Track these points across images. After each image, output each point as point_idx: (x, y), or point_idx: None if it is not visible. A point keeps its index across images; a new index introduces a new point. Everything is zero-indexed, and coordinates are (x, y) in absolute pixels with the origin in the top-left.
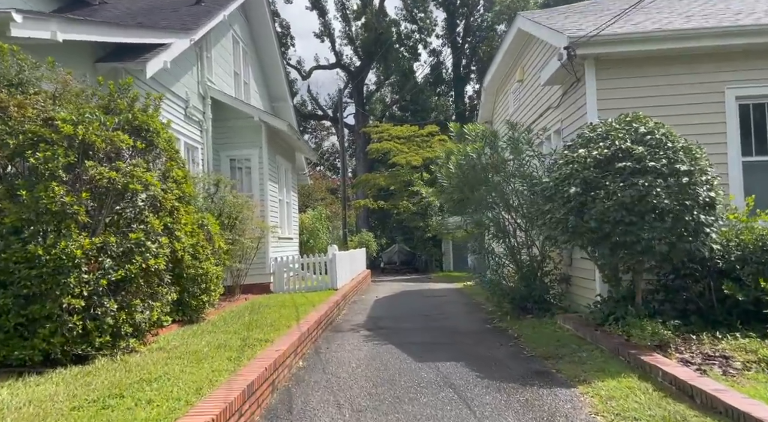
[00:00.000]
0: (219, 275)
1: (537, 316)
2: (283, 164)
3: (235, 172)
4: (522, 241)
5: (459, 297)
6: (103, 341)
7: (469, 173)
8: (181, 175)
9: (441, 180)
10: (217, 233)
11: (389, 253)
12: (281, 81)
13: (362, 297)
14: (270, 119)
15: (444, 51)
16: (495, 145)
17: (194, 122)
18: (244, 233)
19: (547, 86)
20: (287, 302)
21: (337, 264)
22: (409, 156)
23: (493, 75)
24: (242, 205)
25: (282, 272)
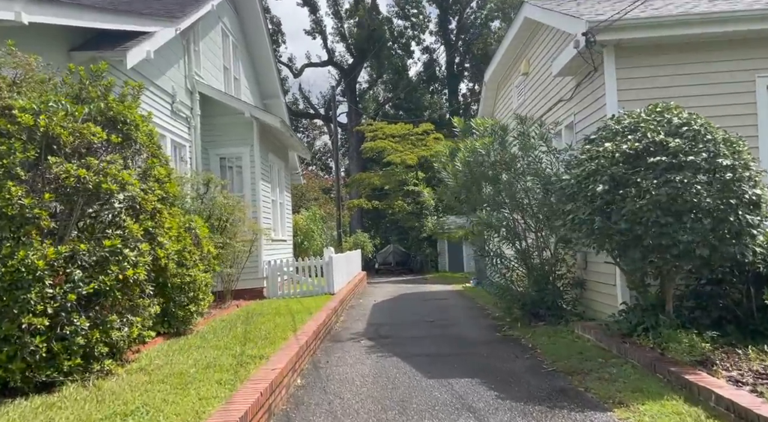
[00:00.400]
0: (208, 282)
1: (550, 323)
2: (275, 162)
3: (225, 171)
4: (533, 243)
5: (461, 301)
6: (72, 364)
7: (477, 171)
8: (164, 173)
9: (446, 179)
10: (206, 236)
11: (384, 254)
12: (273, 77)
13: (360, 301)
14: (262, 115)
15: (437, 48)
16: (504, 140)
17: (181, 118)
18: (235, 236)
19: (557, 78)
20: (282, 309)
21: (333, 267)
22: (404, 155)
23: (494, 69)
24: (233, 206)
25: (276, 276)
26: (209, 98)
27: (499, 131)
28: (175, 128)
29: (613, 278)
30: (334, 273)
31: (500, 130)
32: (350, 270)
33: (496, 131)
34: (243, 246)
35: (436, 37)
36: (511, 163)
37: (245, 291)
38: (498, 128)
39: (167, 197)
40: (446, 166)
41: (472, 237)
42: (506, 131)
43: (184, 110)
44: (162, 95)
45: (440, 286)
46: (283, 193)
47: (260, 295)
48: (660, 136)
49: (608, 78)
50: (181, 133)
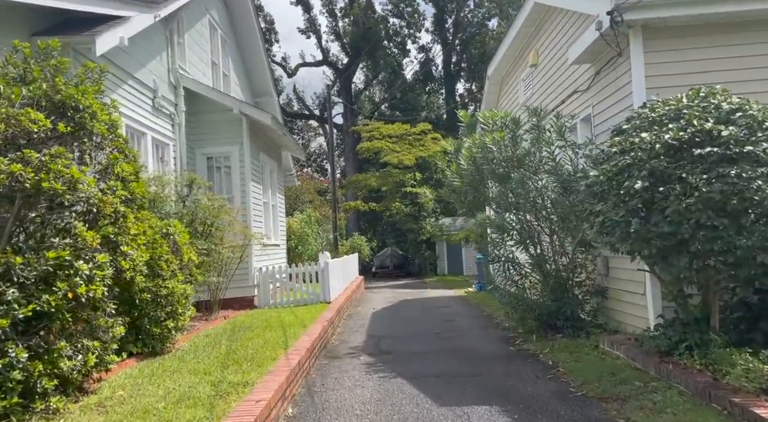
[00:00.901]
0: (189, 294)
1: (568, 336)
2: (267, 163)
3: (212, 172)
4: (548, 247)
5: (466, 308)
6: (8, 404)
7: (485, 169)
8: (129, 170)
9: (450, 178)
10: (187, 243)
11: (381, 257)
12: (265, 74)
13: (357, 309)
14: (251, 111)
15: (434, 47)
16: (515, 135)
17: (164, 114)
18: (222, 242)
19: (572, 68)
20: (273, 321)
21: (329, 274)
22: (402, 155)
23: (498, 63)
24: (219, 209)
25: (267, 284)
26: (195, 94)
27: (511, 125)
28: (156, 124)
29: (642, 286)
30: (330, 280)
31: (512, 123)
32: (347, 276)
33: (507, 125)
34: (231, 252)
35: (432, 37)
36: (523, 159)
37: (234, 301)
38: (509, 121)
39: (134, 198)
40: (450, 164)
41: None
42: (518, 124)
43: (168, 106)
44: (142, 89)
45: (441, 291)
46: (276, 195)
47: (251, 304)
48: (708, 124)
49: (635, 63)
50: (164, 130)
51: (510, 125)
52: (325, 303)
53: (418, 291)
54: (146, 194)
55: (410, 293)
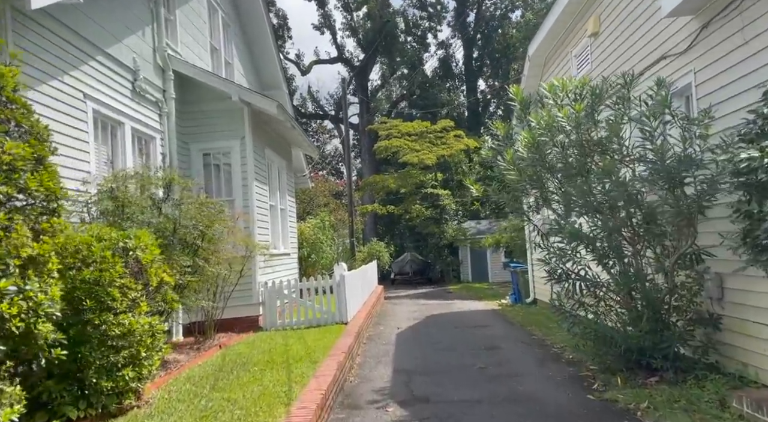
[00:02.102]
0: (158, 329)
1: (670, 381)
2: (275, 161)
3: (210, 170)
4: (631, 260)
5: (507, 328)
6: None
7: (555, 157)
8: (21, 154)
9: (505, 170)
10: (157, 260)
11: (400, 263)
12: (274, 65)
13: (379, 329)
14: (254, 99)
15: (454, 43)
16: (596, 110)
17: (149, 101)
18: (218, 256)
19: (658, 27)
20: (277, 351)
21: (346, 289)
22: (422, 155)
23: (542, 41)
24: (213, 216)
25: (274, 301)
26: (188, 79)
27: (590, 96)
28: (138, 113)
29: None
30: (347, 296)
31: (591, 93)
32: (366, 287)
33: (585, 95)
34: (230, 267)
35: (453, 31)
36: (606, 143)
37: (236, 322)
38: (587, 91)
39: (32, 197)
40: (505, 152)
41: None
42: (599, 94)
43: (153, 92)
44: (117, 68)
45: (470, 303)
46: (285, 197)
47: (255, 325)
48: None
49: None
50: (148, 120)
51: (588, 96)
52: (341, 324)
53: (443, 303)
54: (58, 192)
55: (435, 306)
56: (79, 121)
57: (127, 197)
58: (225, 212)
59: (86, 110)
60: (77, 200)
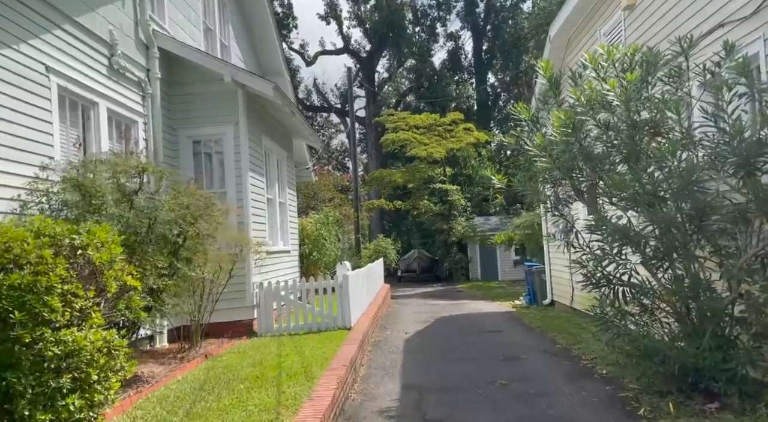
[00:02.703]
0: (116, 345)
1: (735, 409)
2: (274, 151)
3: (200, 160)
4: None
5: (526, 334)
6: None
7: (592, 141)
8: None
9: (536, 155)
10: (119, 261)
11: (408, 260)
12: (275, 50)
13: (386, 334)
14: (248, 80)
15: (463, 34)
16: (648, 83)
17: (129, 81)
18: (205, 255)
19: None
20: (270, 363)
21: (350, 291)
22: (431, 148)
23: (565, 20)
24: (198, 211)
25: (270, 303)
26: (176, 58)
27: (643, 65)
28: (116, 93)
29: None
30: (350, 299)
31: (644, 64)
32: (372, 287)
33: (635, 64)
34: (219, 266)
35: (462, 22)
36: (661, 122)
37: (228, 326)
38: (640, 60)
39: None
40: (533, 135)
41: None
42: (653, 63)
43: (135, 70)
44: (89, 40)
45: (483, 304)
46: (285, 190)
47: (249, 330)
48: None
49: None
50: (128, 102)
51: (640, 66)
52: (343, 330)
53: (453, 303)
54: None
55: (445, 307)
56: (38, 97)
57: (95, 187)
58: (214, 205)
59: (49, 85)
60: (36, 188)
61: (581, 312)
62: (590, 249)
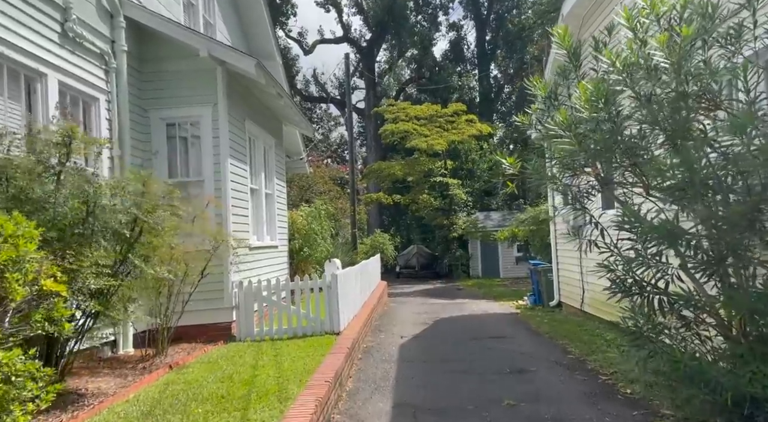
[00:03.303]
0: (20, 371)
1: None
2: (260, 137)
3: (175, 144)
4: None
5: (534, 341)
6: None
7: (624, 118)
8: None
9: (554, 139)
10: (32, 260)
11: (407, 255)
12: (266, 32)
13: (379, 338)
14: (229, 56)
15: (466, 24)
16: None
17: (89, 52)
18: (169, 250)
19: None
20: (241, 377)
21: (339, 291)
22: (431, 140)
23: None
24: (156, 198)
25: (251, 304)
26: (147, 31)
27: (699, 20)
28: (70, 64)
29: None
30: (339, 300)
31: (701, 16)
32: (366, 285)
33: (687, 20)
34: (186, 265)
35: (465, 11)
36: (718, 94)
37: (203, 329)
38: (693, 14)
39: None
40: (553, 111)
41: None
42: (712, 18)
43: (96, 40)
44: (35, 1)
45: (485, 303)
46: (273, 181)
47: (227, 334)
48: None
49: None
50: (88, 76)
51: (694, 22)
52: (331, 335)
53: (453, 303)
54: None
55: (445, 307)
56: None
57: (12, 165)
58: (175, 192)
59: None
60: None
61: (592, 316)
62: (618, 250)
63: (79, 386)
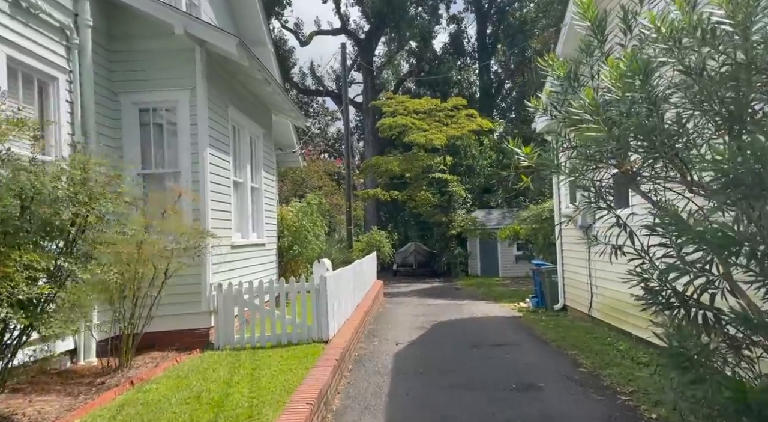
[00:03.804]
0: None
1: None
2: (246, 126)
3: (149, 132)
4: None
5: (540, 350)
6: None
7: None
8: None
9: (579, 125)
10: None
11: (404, 253)
12: (256, 15)
13: (373, 345)
14: (208, 34)
15: (467, 17)
16: None
17: (46, 25)
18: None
19: None
20: (209, 398)
21: (329, 295)
22: (430, 134)
23: None
24: (101, 186)
25: (231, 309)
26: (116, 3)
27: None
28: (22, 37)
29: None
30: (329, 305)
31: None
32: (360, 286)
33: None
34: (154, 266)
35: (466, 3)
36: None
37: (179, 335)
38: None
39: None
40: (578, 92)
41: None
42: None
43: (55, 13)
44: None
45: (485, 305)
46: (261, 174)
47: (205, 341)
48: None
49: None
50: (44, 52)
51: None
52: (319, 343)
53: (453, 304)
54: None
55: (444, 308)
56: None
57: None
58: (121, 178)
59: None
60: None
61: (601, 322)
62: (649, 256)
63: (16, 409)
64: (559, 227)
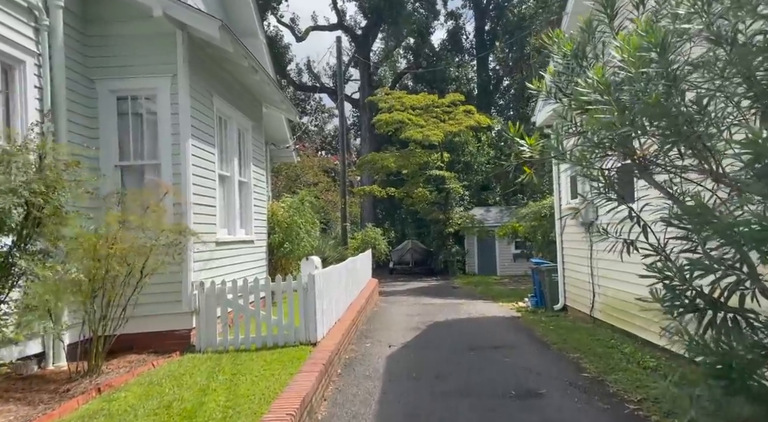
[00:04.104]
0: None
1: None
2: (233, 117)
3: (128, 122)
4: None
5: (541, 353)
6: None
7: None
8: None
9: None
10: None
11: (401, 251)
12: (246, 3)
13: (365, 347)
14: (188, 16)
15: (465, 13)
16: None
17: (11, 4)
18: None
19: None
20: (181, 409)
21: (317, 295)
22: (427, 131)
23: None
24: (56, 175)
25: (214, 309)
26: None
27: None
28: None
29: None
30: (317, 305)
31: None
32: (353, 285)
33: None
34: (129, 264)
35: (464, 0)
36: None
37: (159, 337)
38: None
39: None
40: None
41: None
42: None
43: None
44: None
45: (483, 304)
46: (250, 168)
47: (185, 344)
48: None
49: None
50: (8, 32)
51: None
52: (307, 346)
53: (449, 303)
54: None
55: (440, 308)
56: None
57: None
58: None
59: None
60: None
61: (604, 323)
62: (666, 253)
63: None
64: (559, 224)
